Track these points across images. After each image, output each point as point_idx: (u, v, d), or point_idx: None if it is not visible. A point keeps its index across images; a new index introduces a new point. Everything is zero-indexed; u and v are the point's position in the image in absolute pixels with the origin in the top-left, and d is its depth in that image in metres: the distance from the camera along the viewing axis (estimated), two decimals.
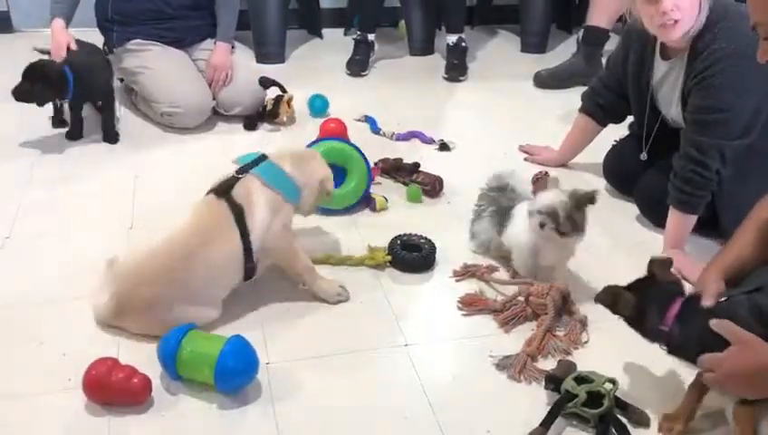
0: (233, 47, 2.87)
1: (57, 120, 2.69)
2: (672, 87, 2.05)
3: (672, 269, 1.50)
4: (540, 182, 2.32)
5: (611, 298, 1.46)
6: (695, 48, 1.91)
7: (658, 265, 1.46)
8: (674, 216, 1.96)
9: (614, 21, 3.25)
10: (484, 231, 1.98)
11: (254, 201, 1.70)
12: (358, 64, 3.34)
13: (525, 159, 2.57)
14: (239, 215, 1.68)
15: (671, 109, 2.08)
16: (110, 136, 2.64)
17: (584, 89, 2.47)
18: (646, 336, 1.46)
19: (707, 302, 1.39)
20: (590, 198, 1.79)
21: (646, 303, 1.42)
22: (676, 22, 1.86)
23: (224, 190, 1.72)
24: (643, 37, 2.05)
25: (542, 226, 1.78)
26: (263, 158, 1.80)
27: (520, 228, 1.86)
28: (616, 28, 3.40)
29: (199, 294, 1.66)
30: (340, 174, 2.15)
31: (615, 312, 1.47)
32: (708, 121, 1.90)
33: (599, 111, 2.36)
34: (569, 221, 1.77)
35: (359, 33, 3.41)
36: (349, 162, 2.19)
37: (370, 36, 3.39)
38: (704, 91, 1.89)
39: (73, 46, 2.64)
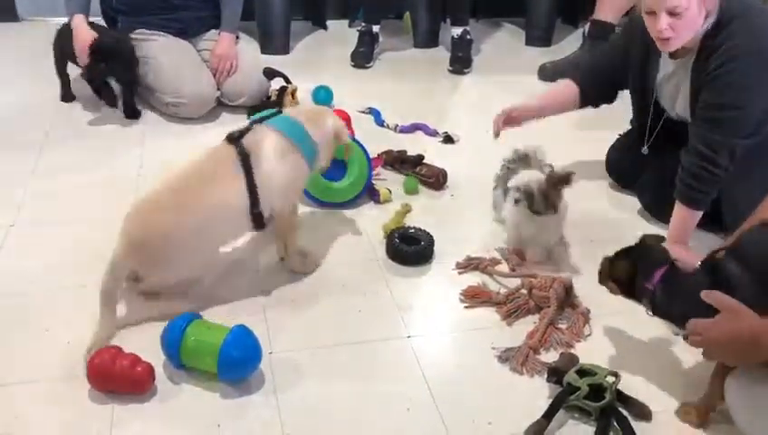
0: (237, 38, 2.87)
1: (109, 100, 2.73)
2: (678, 84, 2.04)
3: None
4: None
5: (606, 264, 1.58)
6: (707, 45, 1.89)
7: (651, 239, 1.57)
8: (680, 210, 1.96)
9: (621, 16, 3.24)
10: (498, 203, 2.08)
11: (263, 146, 1.75)
12: (362, 56, 3.34)
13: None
14: (245, 158, 1.72)
15: (676, 105, 2.07)
16: (134, 111, 2.73)
17: None
18: (634, 296, 1.54)
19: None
20: (565, 179, 1.86)
21: (636, 264, 1.52)
22: (668, 38, 1.87)
23: (235, 137, 1.77)
24: (648, 35, 2.04)
25: (516, 202, 1.88)
26: (278, 112, 1.86)
27: (509, 202, 1.95)
28: (622, 23, 3.40)
29: (208, 233, 1.68)
30: (340, 167, 2.14)
31: (610, 276, 1.57)
32: (720, 119, 1.88)
33: (585, 86, 2.29)
34: (543, 200, 1.85)
35: (363, 24, 3.40)
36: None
37: (375, 28, 3.38)
38: (717, 88, 1.87)
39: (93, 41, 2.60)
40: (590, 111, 2.47)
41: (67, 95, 2.85)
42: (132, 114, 2.73)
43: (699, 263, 1.49)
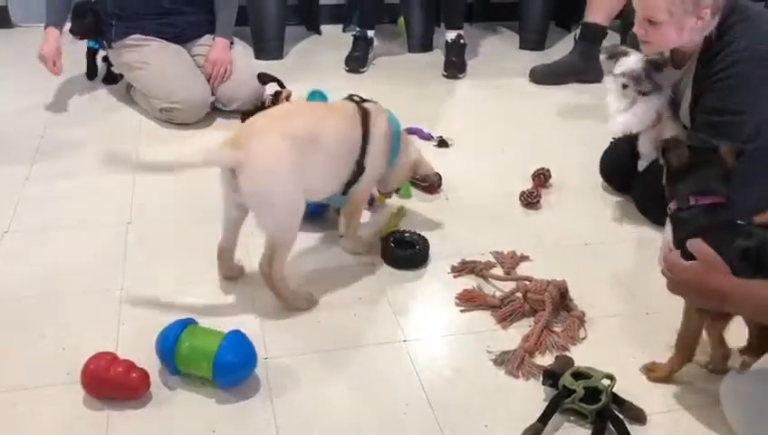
0: (231, 43, 2.87)
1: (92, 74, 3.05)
2: (683, 91, 2.04)
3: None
4: (539, 178, 2.34)
5: (673, 142, 1.56)
6: (708, 50, 1.90)
7: (729, 155, 1.53)
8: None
9: (611, 18, 3.25)
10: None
11: (378, 121, 1.87)
12: (356, 61, 3.34)
13: None
14: (365, 117, 1.84)
15: (680, 111, 2.07)
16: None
17: (580, 86, 2.45)
18: (668, 191, 1.54)
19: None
20: (665, 61, 2.01)
21: (698, 170, 1.50)
22: (645, 42, 1.92)
23: (358, 99, 1.90)
24: None
25: (624, 87, 2.02)
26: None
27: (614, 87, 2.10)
28: (613, 25, 3.41)
29: (321, 163, 1.71)
30: None
31: (664, 154, 1.55)
32: (721, 123, 1.89)
33: None
34: (648, 81, 2.00)
35: (358, 29, 3.41)
36: None
37: (369, 33, 3.39)
38: (718, 92, 1.88)
39: (59, 62, 2.70)
40: (585, 113, 2.50)
41: (90, 74, 3.06)
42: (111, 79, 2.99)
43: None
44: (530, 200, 2.25)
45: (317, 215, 2.13)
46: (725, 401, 1.40)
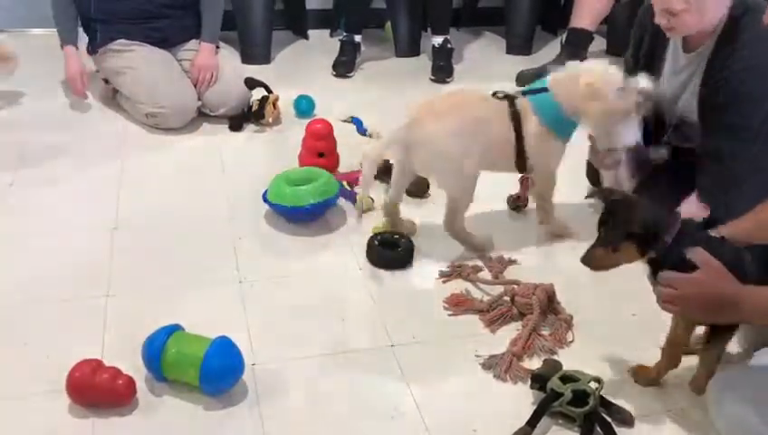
0: (218, 47, 2.86)
1: None
2: (687, 80, 1.99)
3: None
4: (526, 181, 2.34)
5: (625, 215, 1.46)
6: (725, 39, 1.86)
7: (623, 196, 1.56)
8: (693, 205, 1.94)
9: (598, 23, 3.26)
10: None
11: (527, 126, 1.95)
12: (344, 66, 3.34)
13: None
14: (515, 115, 1.94)
15: (679, 102, 2.02)
16: None
17: None
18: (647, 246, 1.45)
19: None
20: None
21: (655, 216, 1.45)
22: (670, 29, 1.87)
23: (508, 96, 1.97)
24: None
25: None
26: (544, 90, 2.00)
27: None
28: (600, 30, 3.43)
29: (479, 145, 1.91)
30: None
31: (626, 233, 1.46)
32: (734, 125, 1.88)
33: None
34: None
35: (345, 34, 3.40)
36: (312, 175, 2.18)
37: (357, 37, 3.39)
38: (726, 93, 1.86)
39: (86, 80, 2.77)
40: None
41: None
42: None
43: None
44: (517, 204, 2.25)
45: (313, 217, 2.12)
46: (712, 405, 1.40)
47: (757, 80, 1.84)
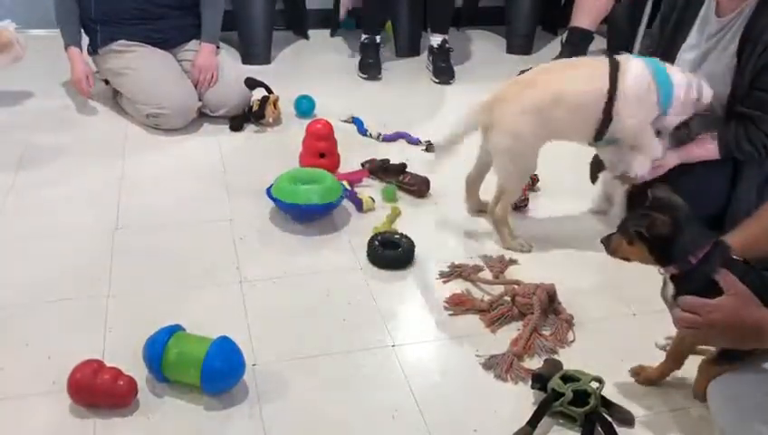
0: (218, 48, 2.86)
1: None
2: (711, 48, 1.96)
3: None
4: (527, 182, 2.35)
5: (648, 220, 1.39)
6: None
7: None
8: (707, 144, 1.95)
9: (598, 22, 3.26)
10: None
11: (630, 69, 1.89)
12: (374, 68, 3.33)
13: None
14: (614, 69, 1.89)
15: (715, 67, 1.97)
16: None
17: None
18: (664, 257, 1.41)
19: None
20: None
21: (684, 228, 1.38)
22: None
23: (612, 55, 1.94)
24: None
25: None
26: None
27: None
28: (600, 29, 3.43)
29: (561, 117, 1.92)
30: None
31: (649, 230, 1.39)
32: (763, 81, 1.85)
33: None
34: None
35: (366, 36, 3.38)
36: (320, 177, 2.18)
37: (377, 38, 3.38)
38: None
39: (92, 80, 2.77)
40: None
41: None
42: None
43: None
44: (518, 204, 2.25)
45: (314, 216, 2.12)
46: (713, 404, 1.40)
47: None
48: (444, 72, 3.33)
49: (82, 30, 2.83)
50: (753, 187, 1.93)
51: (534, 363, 1.63)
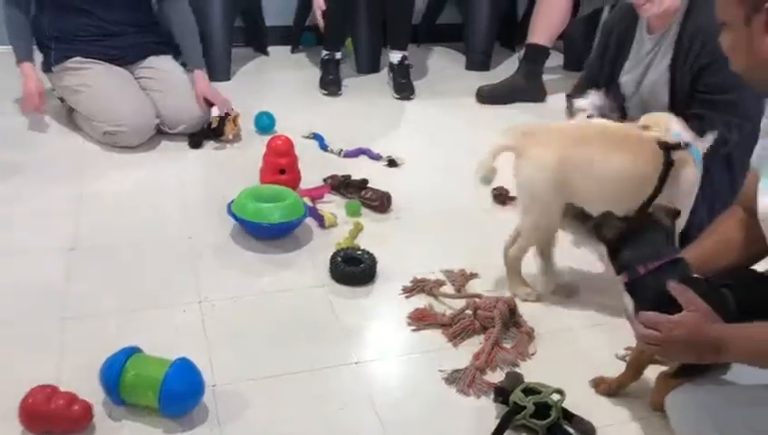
0: (184, 65, 2.86)
1: None
2: (651, 61, 2.14)
3: None
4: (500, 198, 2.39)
5: (601, 218, 1.48)
6: (690, 18, 2.01)
7: (666, 216, 1.50)
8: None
9: (554, 39, 3.33)
10: None
11: (684, 177, 1.79)
12: (334, 84, 3.34)
13: None
14: (666, 169, 1.76)
15: (642, 84, 2.17)
16: None
17: (525, 105, 2.51)
18: (616, 263, 1.46)
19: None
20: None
21: (639, 235, 1.44)
22: (647, 2, 2.01)
23: (670, 145, 1.77)
24: (627, 18, 2.18)
25: (589, 117, 2.05)
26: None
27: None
28: (557, 46, 3.50)
29: (593, 186, 1.76)
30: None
31: (599, 234, 1.47)
32: (722, 101, 1.98)
33: None
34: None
35: (326, 52, 3.39)
36: (282, 195, 2.17)
37: (338, 54, 3.39)
38: (717, 70, 1.95)
39: (44, 97, 2.69)
40: None
41: None
42: None
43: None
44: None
45: (275, 235, 2.11)
46: (672, 414, 1.42)
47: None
48: (404, 88, 3.35)
49: (37, 47, 2.78)
50: (703, 205, 1.98)
51: (497, 377, 1.63)
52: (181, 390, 1.45)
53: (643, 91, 2.18)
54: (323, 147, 2.76)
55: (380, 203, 2.32)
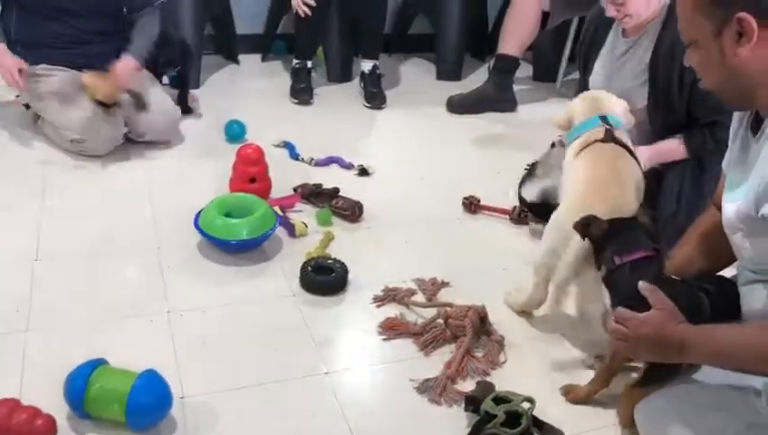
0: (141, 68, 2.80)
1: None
2: (625, 62, 2.18)
3: None
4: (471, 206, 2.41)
5: (587, 219, 1.57)
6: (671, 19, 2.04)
7: (645, 219, 1.60)
8: (674, 143, 2.10)
9: (524, 49, 3.36)
10: None
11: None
12: (306, 93, 3.32)
13: None
14: (630, 151, 1.87)
15: (612, 81, 2.20)
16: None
17: (495, 115, 2.53)
18: (598, 260, 1.56)
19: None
20: None
21: (620, 234, 1.53)
22: (625, 15, 2.07)
23: (608, 138, 1.86)
24: (594, 32, 2.27)
25: (552, 145, 2.18)
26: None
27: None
28: (526, 56, 3.53)
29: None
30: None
31: (584, 233, 1.58)
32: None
33: None
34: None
35: (297, 61, 3.38)
36: (252, 206, 2.14)
37: (309, 63, 3.38)
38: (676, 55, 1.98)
39: (25, 67, 2.56)
40: (500, 141, 2.53)
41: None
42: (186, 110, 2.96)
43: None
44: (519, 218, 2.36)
45: (245, 250, 2.09)
46: (640, 420, 1.44)
47: None
48: (375, 97, 3.36)
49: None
50: (672, 195, 2.05)
51: (468, 386, 1.63)
52: (148, 402, 1.43)
53: (615, 85, 2.18)
54: (294, 156, 2.75)
55: (352, 212, 2.32)
